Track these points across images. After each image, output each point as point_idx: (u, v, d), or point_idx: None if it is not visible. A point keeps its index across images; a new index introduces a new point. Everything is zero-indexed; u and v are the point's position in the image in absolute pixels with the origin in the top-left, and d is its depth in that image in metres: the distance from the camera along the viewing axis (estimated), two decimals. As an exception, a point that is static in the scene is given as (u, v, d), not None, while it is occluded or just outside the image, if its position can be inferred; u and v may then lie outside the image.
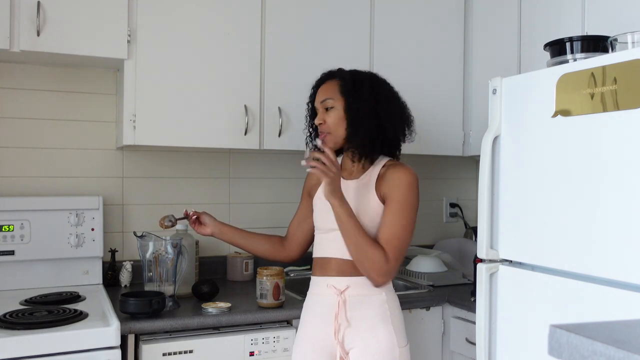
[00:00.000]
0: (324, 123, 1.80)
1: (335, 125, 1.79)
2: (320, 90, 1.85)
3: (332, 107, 1.79)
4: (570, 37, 1.72)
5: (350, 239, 1.68)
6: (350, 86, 1.79)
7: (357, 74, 1.84)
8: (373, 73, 1.89)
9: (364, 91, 1.78)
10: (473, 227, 2.86)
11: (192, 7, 2.17)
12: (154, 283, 1.96)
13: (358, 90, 1.78)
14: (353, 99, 1.77)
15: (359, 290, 1.74)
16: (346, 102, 1.78)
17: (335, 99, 1.79)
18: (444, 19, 2.61)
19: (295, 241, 1.99)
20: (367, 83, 1.81)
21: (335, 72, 1.87)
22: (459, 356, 2.18)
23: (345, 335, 1.71)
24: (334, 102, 1.79)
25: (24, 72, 2.26)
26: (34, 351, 1.59)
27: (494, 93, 1.76)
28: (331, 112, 1.79)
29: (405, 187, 1.73)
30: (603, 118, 1.43)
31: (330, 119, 1.79)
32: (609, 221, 1.41)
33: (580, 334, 0.65)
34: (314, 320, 1.77)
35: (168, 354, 1.78)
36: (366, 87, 1.80)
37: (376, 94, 1.79)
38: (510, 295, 1.70)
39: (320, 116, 1.82)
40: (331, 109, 1.79)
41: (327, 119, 1.80)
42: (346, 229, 1.68)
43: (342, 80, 1.82)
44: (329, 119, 1.79)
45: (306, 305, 1.84)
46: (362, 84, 1.80)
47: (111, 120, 2.38)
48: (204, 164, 2.54)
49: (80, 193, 2.33)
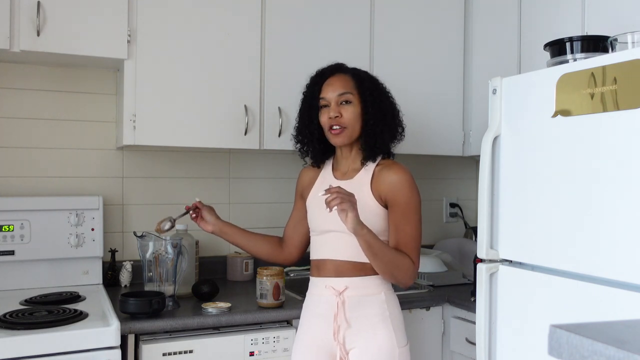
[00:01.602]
0: (341, 117, 1.74)
1: (352, 120, 1.75)
2: (332, 82, 1.78)
3: (350, 102, 1.75)
4: (570, 37, 1.72)
5: (381, 259, 1.67)
6: (368, 85, 1.77)
7: (364, 73, 1.83)
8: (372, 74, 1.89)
9: (376, 92, 1.78)
10: (473, 227, 2.86)
11: (192, 7, 2.16)
12: (154, 283, 1.96)
13: (373, 90, 1.77)
14: (372, 97, 1.76)
15: (357, 290, 1.73)
16: (363, 100, 1.75)
17: (353, 94, 1.76)
18: (444, 19, 2.61)
19: (292, 244, 1.97)
20: (376, 84, 1.81)
21: (343, 66, 1.84)
22: (459, 356, 2.18)
23: (345, 335, 1.71)
24: (352, 97, 1.75)
25: (24, 72, 2.26)
26: (34, 351, 1.59)
27: (494, 93, 1.76)
28: (348, 107, 1.75)
29: (406, 188, 1.73)
30: (603, 118, 1.43)
31: (348, 113, 1.74)
32: (609, 221, 1.41)
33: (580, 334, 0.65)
34: (314, 320, 1.77)
35: (168, 354, 1.78)
36: (377, 86, 1.80)
37: (382, 95, 1.80)
38: (510, 295, 1.70)
39: (336, 108, 1.75)
40: (348, 104, 1.75)
41: (344, 113, 1.75)
42: (376, 253, 1.65)
43: (355, 76, 1.79)
44: (346, 113, 1.74)
45: (305, 305, 1.84)
46: (374, 84, 1.80)
47: (111, 120, 2.38)
48: (204, 164, 2.54)
49: (80, 193, 2.33)
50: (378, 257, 1.66)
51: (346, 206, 1.55)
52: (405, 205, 1.72)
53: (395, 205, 1.73)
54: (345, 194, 1.56)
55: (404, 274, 1.71)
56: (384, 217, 1.75)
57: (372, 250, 1.65)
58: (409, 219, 1.73)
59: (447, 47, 2.62)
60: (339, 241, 1.74)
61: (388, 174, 1.75)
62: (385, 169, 1.77)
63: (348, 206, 1.55)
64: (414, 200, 1.74)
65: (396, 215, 1.73)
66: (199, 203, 1.92)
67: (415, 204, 1.74)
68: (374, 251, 1.65)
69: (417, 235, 1.74)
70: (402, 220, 1.72)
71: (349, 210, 1.55)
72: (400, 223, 1.72)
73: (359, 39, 2.44)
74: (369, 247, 1.64)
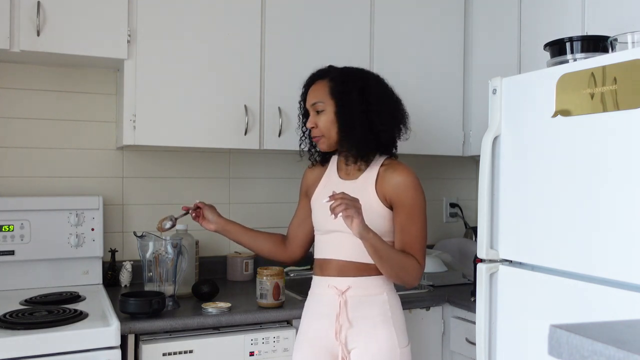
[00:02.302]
0: (316, 127, 1.78)
1: (327, 129, 1.76)
2: (311, 91, 1.81)
3: (323, 111, 1.76)
4: (570, 37, 1.72)
5: (388, 262, 1.67)
6: (340, 88, 1.75)
7: (347, 73, 1.79)
8: (364, 70, 1.84)
9: (354, 92, 1.74)
10: (473, 227, 2.86)
11: (192, 7, 2.16)
12: (154, 283, 1.96)
13: (348, 91, 1.74)
14: (343, 102, 1.74)
15: (360, 290, 1.73)
16: (336, 105, 1.74)
17: (325, 101, 1.76)
18: (444, 19, 2.61)
19: (296, 242, 1.97)
20: (358, 83, 1.76)
21: (324, 71, 1.83)
22: (459, 356, 2.18)
23: (347, 335, 1.71)
24: (324, 105, 1.76)
25: (24, 72, 2.26)
26: (34, 351, 1.59)
27: (494, 93, 1.76)
28: (322, 116, 1.76)
29: (412, 189, 1.73)
30: (603, 118, 1.43)
31: (322, 122, 1.77)
32: (609, 221, 1.41)
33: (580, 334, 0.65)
34: (315, 320, 1.77)
35: (168, 354, 1.78)
36: (357, 87, 1.75)
37: (368, 94, 1.75)
38: (510, 295, 1.70)
39: (312, 119, 1.79)
40: (322, 112, 1.77)
41: (319, 123, 1.77)
42: (382, 256, 1.65)
43: (331, 81, 1.77)
44: (320, 122, 1.77)
45: (307, 305, 1.83)
46: (352, 84, 1.75)
47: (111, 120, 2.38)
48: (204, 164, 2.54)
49: (80, 193, 2.33)
50: (384, 260, 1.66)
51: (351, 212, 1.54)
52: (411, 207, 1.73)
53: (400, 206, 1.73)
54: (349, 200, 1.56)
55: (411, 276, 1.72)
56: (388, 218, 1.74)
57: (378, 254, 1.65)
58: (415, 220, 1.73)
59: (447, 47, 2.62)
60: (343, 241, 1.74)
61: (392, 175, 1.74)
62: (390, 170, 1.76)
63: (353, 212, 1.55)
64: (419, 202, 1.74)
65: (401, 217, 1.73)
66: (200, 203, 1.92)
67: (420, 205, 1.74)
68: (381, 254, 1.65)
69: (422, 237, 1.75)
70: (408, 221, 1.72)
71: (354, 216, 1.55)
72: (406, 224, 1.73)
73: (359, 39, 2.44)
74: (375, 251, 1.64)
